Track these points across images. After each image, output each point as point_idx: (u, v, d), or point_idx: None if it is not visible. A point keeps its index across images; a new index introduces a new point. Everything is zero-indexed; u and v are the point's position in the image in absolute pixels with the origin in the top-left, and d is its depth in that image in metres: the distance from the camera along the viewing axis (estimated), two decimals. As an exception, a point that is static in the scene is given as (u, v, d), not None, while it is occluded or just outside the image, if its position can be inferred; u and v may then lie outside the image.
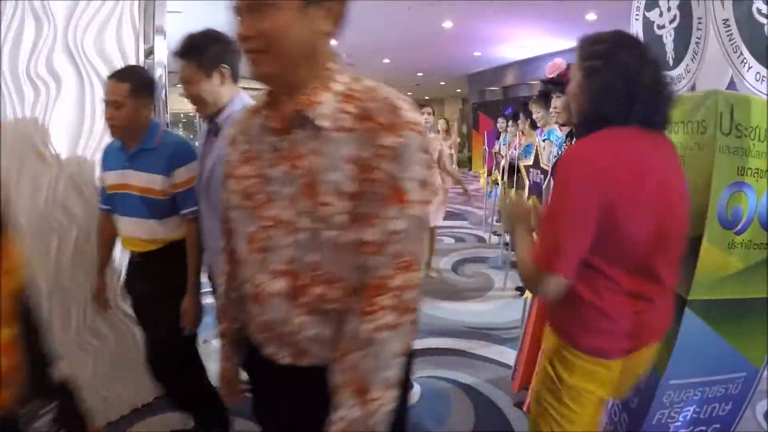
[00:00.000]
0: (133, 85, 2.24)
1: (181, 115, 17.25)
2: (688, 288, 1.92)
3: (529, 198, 3.84)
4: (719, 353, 2.04)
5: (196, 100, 2.16)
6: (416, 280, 1.11)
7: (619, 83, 1.49)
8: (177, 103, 3.69)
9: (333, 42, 1.16)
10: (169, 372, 2.49)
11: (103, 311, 2.69)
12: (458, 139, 10.03)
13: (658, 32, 2.25)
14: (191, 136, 17.51)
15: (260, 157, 1.21)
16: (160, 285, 2.40)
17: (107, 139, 2.59)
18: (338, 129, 1.09)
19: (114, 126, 2.28)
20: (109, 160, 2.44)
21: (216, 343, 3.71)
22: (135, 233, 2.40)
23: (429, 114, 5.37)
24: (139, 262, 2.50)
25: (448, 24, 10.59)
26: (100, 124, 2.63)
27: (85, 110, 2.63)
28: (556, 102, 2.70)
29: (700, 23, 1.96)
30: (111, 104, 2.23)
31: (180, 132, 17.43)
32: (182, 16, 8.01)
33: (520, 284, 5.21)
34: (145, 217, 2.35)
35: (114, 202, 2.41)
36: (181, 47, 2.13)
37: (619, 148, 1.49)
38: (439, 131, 6.36)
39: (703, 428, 2.18)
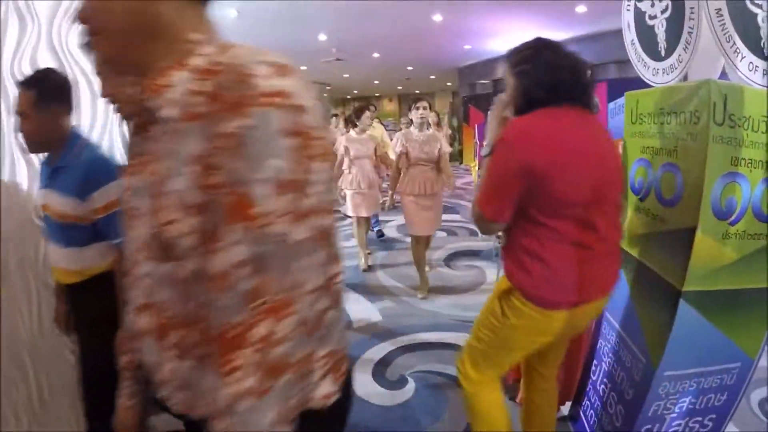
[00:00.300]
0: (38, 94, 1.96)
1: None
2: (683, 279, 1.91)
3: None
4: (714, 344, 2.03)
5: None
6: (288, 328, 0.80)
7: (544, 76, 1.84)
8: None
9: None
10: (97, 409, 2.05)
11: (65, 335, 2.44)
12: (449, 131, 9.99)
13: (650, 23, 2.24)
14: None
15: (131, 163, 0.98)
16: (86, 320, 2.16)
17: (94, 138, 2.54)
18: (187, 118, 0.82)
19: (25, 140, 2.03)
20: (40, 177, 2.20)
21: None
22: (58, 262, 2.14)
23: (425, 108, 5.00)
24: (68, 294, 2.23)
25: (437, 18, 10.55)
26: (86, 123, 2.60)
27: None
28: None
29: (692, 13, 1.94)
30: (18, 115, 1.98)
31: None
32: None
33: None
34: (63, 245, 2.08)
35: (44, 224, 2.15)
36: None
37: (546, 124, 1.83)
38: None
39: (699, 419, 2.19)
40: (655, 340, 2.09)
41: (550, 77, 1.84)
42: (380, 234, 7.58)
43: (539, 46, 1.94)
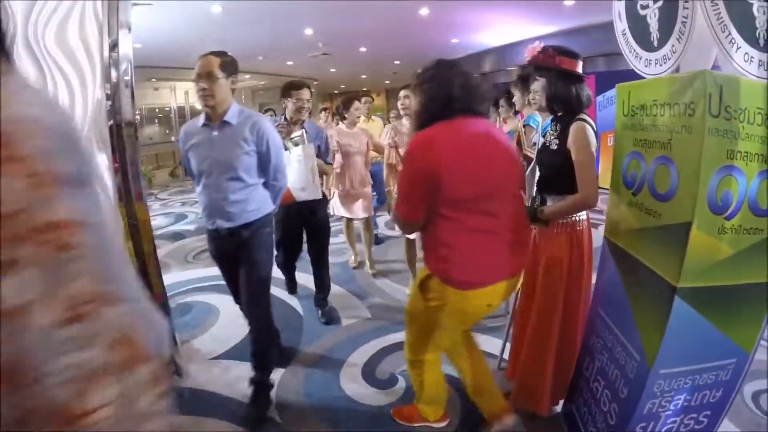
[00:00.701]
0: None
1: (157, 110, 17.01)
2: (678, 276, 1.88)
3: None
4: (709, 340, 2.00)
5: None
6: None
7: (441, 91, 2.20)
8: (151, 98, 3.58)
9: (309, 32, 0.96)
10: None
11: None
12: None
13: (642, 12, 2.19)
14: (167, 132, 17.29)
15: None
16: None
17: None
18: None
19: None
20: None
21: (197, 343, 3.60)
22: None
23: (406, 97, 4.55)
24: None
25: (424, 11, 10.49)
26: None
27: None
28: (536, 85, 2.66)
29: (686, 2, 1.90)
30: None
31: (156, 128, 17.22)
32: (153, 8, 7.86)
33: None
34: None
35: None
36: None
37: (441, 134, 2.17)
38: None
39: (694, 415, 2.16)
40: (649, 337, 2.05)
41: (444, 93, 2.19)
42: (378, 241, 6.91)
43: (438, 66, 2.29)
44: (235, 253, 3.01)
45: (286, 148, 3.77)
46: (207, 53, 2.76)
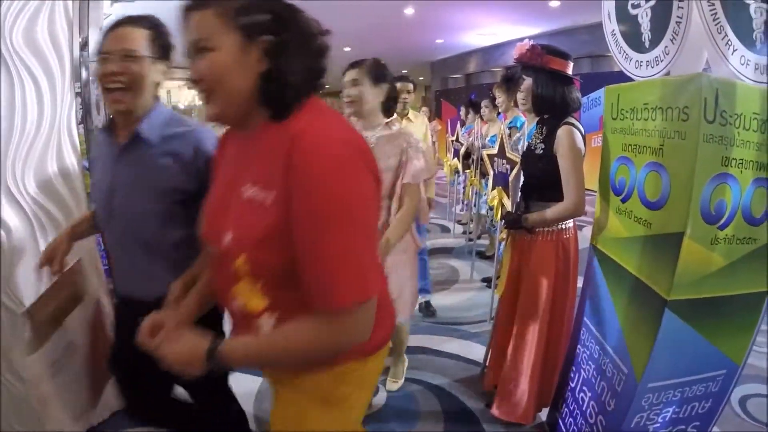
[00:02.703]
0: None
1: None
2: (668, 288, 1.81)
3: (494, 188, 3.71)
4: (699, 352, 1.94)
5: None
6: None
7: None
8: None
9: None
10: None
11: None
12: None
13: (633, 12, 2.11)
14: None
15: None
16: None
17: (41, 139, 2.42)
18: None
19: None
20: None
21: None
22: None
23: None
24: None
25: (409, 11, 10.45)
26: (32, 122, 2.39)
27: (16, 108, 2.36)
28: (523, 86, 2.57)
29: (681, 1, 1.82)
30: None
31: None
32: (135, 5, 7.72)
33: (488, 275, 5.12)
34: None
35: None
36: None
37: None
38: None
39: (682, 427, 2.10)
40: (638, 350, 1.99)
41: None
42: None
43: None
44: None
45: None
46: (123, 18, 1.79)
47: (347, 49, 15.67)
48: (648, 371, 1.93)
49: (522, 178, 2.76)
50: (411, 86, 4.30)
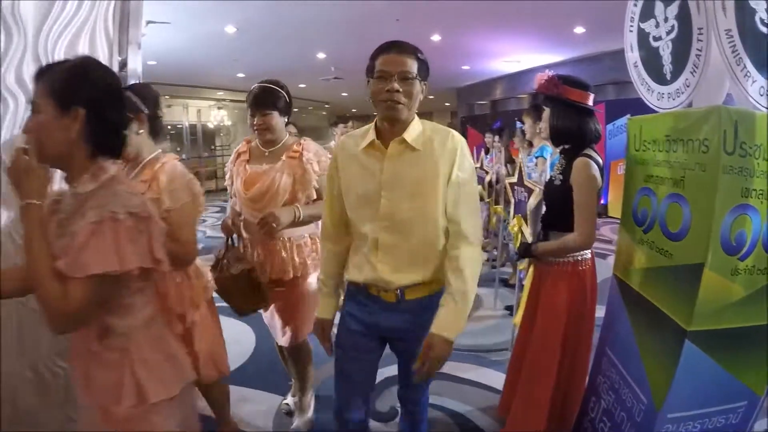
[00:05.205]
0: None
1: (169, 127, 17.09)
2: (689, 318, 1.81)
3: (514, 216, 3.72)
4: (719, 383, 1.93)
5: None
6: None
7: None
8: (164, 115, 3.51)
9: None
10: None
11: None
12: None
13: (654, 44, 2.14)
14: (178, 149, 17.35)
15: None
16: None
17: None
18: None
19: None
20: None
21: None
22: None
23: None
24: None
25: (436, 37, 10.53)
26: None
27: None
28: (544, 115, 2.58)
29: (701, 34, 1.84)
30: None
31: (168, 144, 17.30)
32: (169, 26, 7.92)
33: (510, 303, 5.09)
34: None
35: None
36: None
37: None
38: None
39: (703, 459, 2.07)
40: (658, 380, 1.98)
41: None
42: None
43: None
44: None
45: None
46: None
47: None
48: (668, 401, 1.92)
49: (543, 208, 2.75)
50: None
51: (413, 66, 1.86)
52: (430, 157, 1.88)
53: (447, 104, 24.20)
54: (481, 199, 6.91)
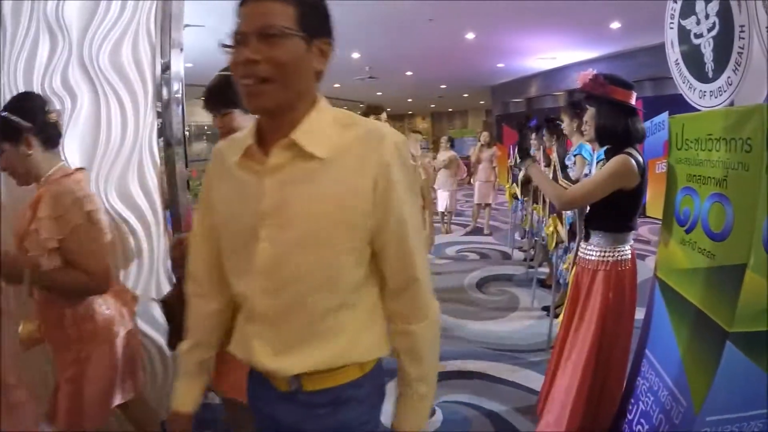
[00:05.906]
0: None
1: (205, 128, 17.32)
2: (730, 320, 1.78)
3: (549, 216, 3.69)
4: (759, 386, 1.88)
5: None
6: None
7: None
8: (200, 116, 3.54)
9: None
10: None
11: None
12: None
13: (696, 41, 2.10)
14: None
15: None
16: None
17: (123, 155, 2.57)
18: None
19: None
20: None
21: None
22: None
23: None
24: None
25: (470, 35, 10.50)
26: (116, 140, 2.57)
27: (101, 126, 2.55)
28: (587, 114, 2.56)
29: (742, 31, 1.81)
30: None
31: (204, 145, 17.54)
32: (204, 29, 8.03)
33: (547, 304, 5.06)
34: None
35: None
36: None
37: None
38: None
39: (741, 462, 2.04)
40: (698, 382, 1.96)
41: None
42: None
43: None
44: None
45: None
46: None
47: (409, 73, 15.85)
48: (707, 404, 1.89)
49: (587, 208, 2.72)
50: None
51: (284, 14, 1.07)
52: (342, 168, 1.12)
53: (482, 102, 24.10)
54: (516, 197, 6.87)
